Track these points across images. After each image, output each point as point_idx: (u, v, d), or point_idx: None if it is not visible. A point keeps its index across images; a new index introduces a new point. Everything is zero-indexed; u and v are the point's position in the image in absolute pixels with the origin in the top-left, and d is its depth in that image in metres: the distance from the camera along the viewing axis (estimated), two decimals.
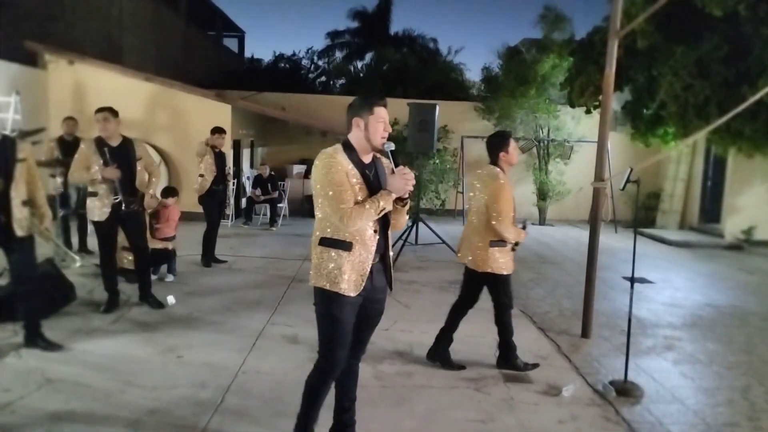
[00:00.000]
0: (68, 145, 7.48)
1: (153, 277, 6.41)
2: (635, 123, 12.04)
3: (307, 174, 13.63)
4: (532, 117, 13.12)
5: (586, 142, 12.45)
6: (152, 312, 5.32)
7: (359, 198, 2.66)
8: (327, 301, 2.74)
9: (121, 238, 5.54)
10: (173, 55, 17.39)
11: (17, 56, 10.01)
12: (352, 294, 2.72)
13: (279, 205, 11.23)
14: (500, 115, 13.39)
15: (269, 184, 11.10)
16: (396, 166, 2.72)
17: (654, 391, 4.17)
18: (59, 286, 5.16)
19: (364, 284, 2.74)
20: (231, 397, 3.69)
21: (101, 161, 4.89)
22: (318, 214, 2.77)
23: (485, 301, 6.09)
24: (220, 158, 7.50)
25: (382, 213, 2.69)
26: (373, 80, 18.83)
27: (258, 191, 11.09)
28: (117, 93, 10.48)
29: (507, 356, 4.44)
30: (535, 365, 4.46)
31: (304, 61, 24.35)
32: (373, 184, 2.75)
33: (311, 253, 2.81)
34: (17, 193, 4.07)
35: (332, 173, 2.63)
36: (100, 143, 4.95)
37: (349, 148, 2.74)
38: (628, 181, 4.19)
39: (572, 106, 12.11)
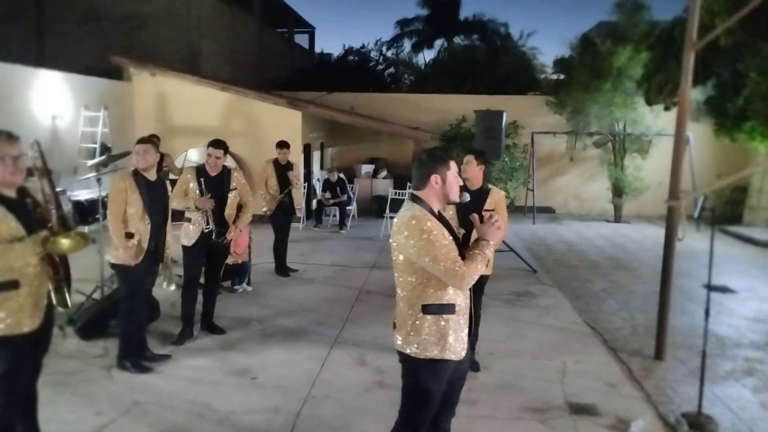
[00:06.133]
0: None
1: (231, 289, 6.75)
2: (719, 119, 11.32)
3: (375, 174, 13.79)
4: (607, 111, 12.62)
5: (666, 135, 11.87)
6: (228, 328, 5.54)
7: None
8: (429, 371, 2.65)
9: None
10: (248, 56, 17.95)
11: (104, 71, 10.70)
12: (458, 358, 2.67)
13: (348, 207, 11.45)
14: (573, 109, 13.00)
15: (338, 188, 11.34)
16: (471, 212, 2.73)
17: (730, 424, 4.00)
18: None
19: (466, 345, 2.71)
20: (301, 423, 3.86)
21: (198, 190, 5.13)
22: (411, 279, 2.65)
23: (557, 318, 5.89)
24: (282, 169, 7.66)
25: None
26: (441, 75, 18.69)
27: (327, 194, 11.36)
28: (195, 103, 11.04)
29: None
30: None
31: (373, 53, 24.53)
32: (452, 232, 2.74)
33: (400, 317, 2.73)
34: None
35: (434, 236, 2.57)
36: (199, 172, 5.21)
37: (424, 204, 2.69)
38: (702, 210, 4.02)
39: (649, 104, 11.54)
